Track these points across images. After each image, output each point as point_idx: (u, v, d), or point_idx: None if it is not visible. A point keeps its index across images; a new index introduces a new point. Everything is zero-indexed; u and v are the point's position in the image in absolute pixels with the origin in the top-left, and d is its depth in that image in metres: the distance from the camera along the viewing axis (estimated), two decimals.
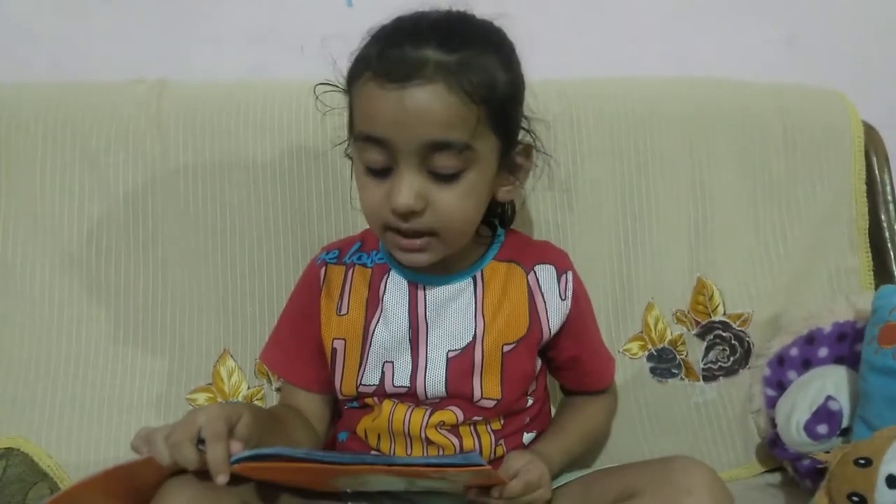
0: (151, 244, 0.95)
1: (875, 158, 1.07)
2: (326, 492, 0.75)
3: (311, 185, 0.96)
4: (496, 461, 0.78)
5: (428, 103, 0.66)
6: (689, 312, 1.02)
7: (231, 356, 0.95)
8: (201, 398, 0.94)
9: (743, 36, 1.17)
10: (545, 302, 0.79)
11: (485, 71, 0.68)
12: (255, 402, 0.94)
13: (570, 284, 0.80)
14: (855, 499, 0.73)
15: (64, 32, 1.06)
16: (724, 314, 1.02)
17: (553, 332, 0.79)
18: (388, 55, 0.67)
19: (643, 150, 1.02)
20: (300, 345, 0.82)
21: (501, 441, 0.79)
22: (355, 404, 0.81)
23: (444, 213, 0.70)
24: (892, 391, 0.81)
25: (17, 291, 0.93)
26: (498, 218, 0.84)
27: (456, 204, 0.70)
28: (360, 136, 0.70)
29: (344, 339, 0.79)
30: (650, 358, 1.01)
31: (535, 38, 1.11)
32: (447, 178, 0.69)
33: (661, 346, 1.01)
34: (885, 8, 1.20)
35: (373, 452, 0.80)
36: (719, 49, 1.17)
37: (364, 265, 0.81)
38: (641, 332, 1.01)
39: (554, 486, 0.76)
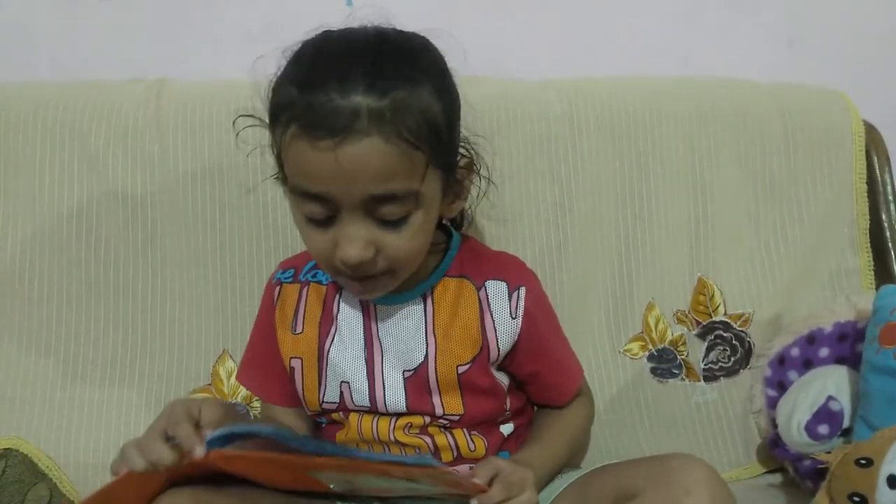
0: (150, 244, 0.95)
1: (876, 158, 1.07)
2: (318, 493, 0.74)
3: None
4: (477, 459, 0.77)
5: (366, 159, 0.62)
6: (689, 312, 1.02)
7: (230, 356, 0.95)
8: (200, 398, 0.94)
9: (743, 36, 1.17)
10: (494, 321, 0.75)
11: (420, 110, 0.64)
12: (254, 403, 0.94)
13: (523, 302, 0.76)
14: (856, 499, 0.73)
15: (63, 32, 1.06)
16: (725, 314, 1.02)
17: (503, 351, 0.76)
18: (315, 106, 0.62)
19: (643, 150, 1.02)
20: (269, 363, 0.80)
21: (476, 433, 0.78)
22: (324, 420, 0.81)
23: (396, 257, 0.68)
24: (893, 391, 0.81)
25: (16, 291, 0.93)
26: (451, 222, 0.82)
27: (406, 246, 0.67)
28: (296, 191, 0.66)
29: (301, 357, 0.78)
30: (651, 358, 1.01)
31: (535, 37, 1.13)
32: (394, 223, 0.66)
33: (662, 346, 1.01)
34: (885, 8, 1.20)
35: None
36: (719, 49, 1.16)
37: (319, 282, 0.79)
38: (642, 332, 1.01)
39: (552, 492, 0.75)
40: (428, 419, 0.76)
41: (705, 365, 1.01)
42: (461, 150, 0.74)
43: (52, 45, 1.06)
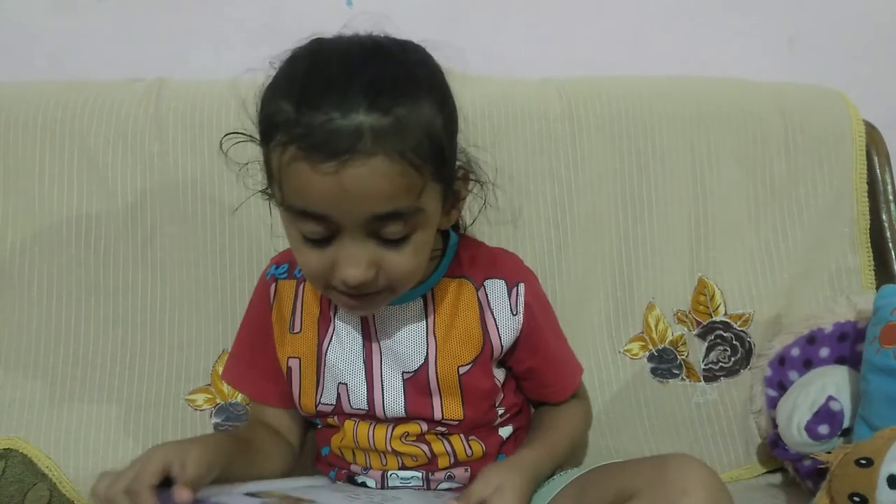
0: (150, 244, 0.95)
1: (876, 158, 1.07)
2: None
3: None
4: (473, 461, 0.77)
5: (371, 179, 0.60)
6: (689, 312, 1.02)
7: None
8: (200, 399, 0.94)
9: (743, 36, 1.17)
10: (495, 318, 0.75)
11: (422, 126, 0.62)
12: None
13: (522, 298, 0.76)
14: (856, 499, 0.73)
15: (63, 31, 1.06)
16: (725, 314, 1.02)
17: (506, 347, 0.76)
18: (314, 126, 0.59)
19: (643, 150, 1.02)
20: (259, 361, 0.79)
21: (473, 437, 0.78)
22: (318, 422, 0.80)
23: (397, 275, 0.66)
24: (894, 391, 0.81)
25: (16, 291, 0.93)
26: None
27: (408, 263, 0.66)
28: (294, 210, 0.63)
29: (298, 357, 0.76)
30: (651, 358, 1.01)
31: (535, 37, 1.13)
32: (396, 242, 0.64)
33: (662, 346, 1.01)
34: (885, 8, 1.20)
35: (352, 467, 0.79)
36: (719, 49, 1.16)
37: None
38: (642, 332, 1.01)
39: (551, 490, 0.75)
40: (425, 426, 0.76)
41: (705, 365, 1.01)
42: (458, 161, 0.73)
43: (52, 45, 1.06)
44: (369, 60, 0.63)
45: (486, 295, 0.76)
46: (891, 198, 1.07)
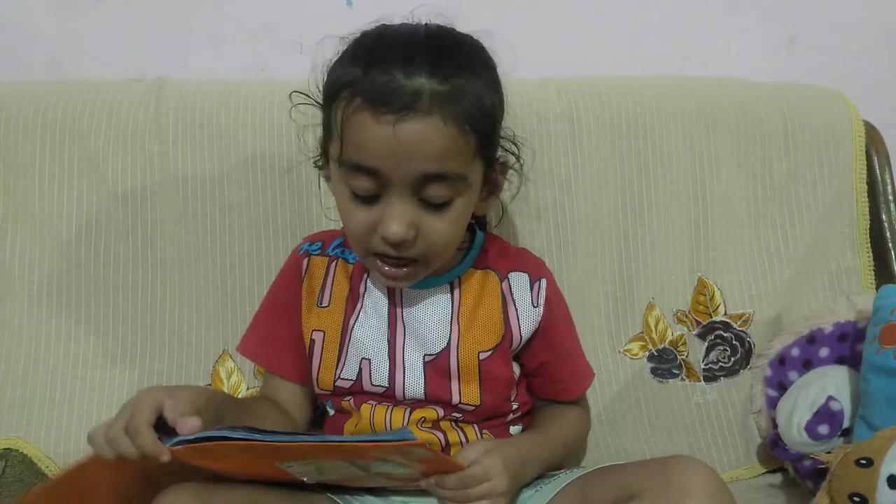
0: (150, 244, 0.95)
1: (876, 158, 1.07)
2: (328, 485, 0.74)
3: (311, 184, 0.95)
4: None
5: (425, 136, 0.65)
6: (689, 312, 1.02)
7: (230, 357, 0.95)
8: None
9: (743, 36, 1.17)
10: (517, 309, 0.78)
11: (476, 98, 0.68)
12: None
13: (544, 292, 0.79)
14: (856, 499, 0.73)
15: (62, 31, 1.06)
16: (725, 314, 1.02)
17: (524, 338, 0.79)
18: (379, 82, 0.65)
19: (643, 150, 1.02)
20: (280, 333, 0.81)
21: (486, 430, 0.79)
22: (331, 408, 0.81)
23: (434, 241, 0.70)
24: (894, 391, 0.81)
25: (16, 291, 0.93)
26: (477, 221, 0.84)
27: (446, 231, 0.70)
28: (349, 164, 0.68)
29: (323, 331, 0.79)
30: (651, 358, 1.01)
31: (535, 37, 1.12)
32: (438, 207, 0.69)
33: (662, 346, 1.01)
34: (885, 8, 1.20)
35: None
36: (719, 49, 1.16)
37: (346, 260, 0.81)
38: (642, 332, 1.01)
39: (551, 489, 0.75)
40: (442, 411, 0.77)
41: (705, 365, 1.01)
42: (502, 148, 0.77)
43: (51, 45, 1.06)
44: (432, 38, 0.70)
45: (510, 286, 0.79)
46: (890, 198, 1.07)
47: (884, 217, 1.06)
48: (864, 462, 0.73)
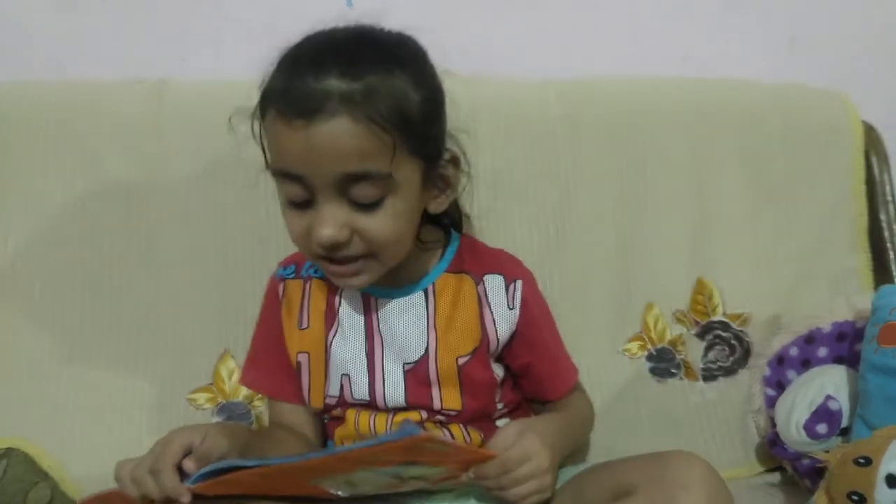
0: (151, 244, 0.95)
1: (875, 158, 1.07)
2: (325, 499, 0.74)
3: None
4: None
5: (335, 138, 0.64)
6: (688, 312, 1.02)
7: (231, 356, 0.95)
8: (202, 398, 0.94)
9: (743, 36, 1.17)
10: (492, 312, 0.78)
11: (392, 96, 0.66)
12: (256, 402, 0.95)
13: (519, 293, 0.79)
14: (854, 498, 0.73)
15: (63, 32, 1.06)
16: (724, 314, 1.02)
17: (502, 341, 0.78)
18: (292, 90, 0.65)
19: (643, 150, 1.02)
20: (276, 360, 0.81)
21: (473, 427, 0.79)
22: (325, 416, 0.81)
23: (373, 238, 0.69)
24: (892, 391, 0.81)
25: (16, 291, 0.93)
26: (450, 222, 0.83)
27: (383, 229, 0.69)
28: (276, 172, 0.69)
29: (307, 352, 0.79)
30: (650, 358, 1.01)
31: (535, 37, 1.13)
32: (369, 206, 0.68)
33: (661, 345, 1.01)
34: (885, 8, 1.20)
35: None
36: (719, 49, 1.16)
37: (321, 278, 0.81)
38: (641, 331, 1.01)
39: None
40: (425, 414, 0.77)
41: (704, 364, 1.01)
42: (448, 146, 0.75)
43: (52, 45, 1.06)
44: (351, 39, 0.69)
45: (485, 289, 0.79)
46: (889, 198, 1.07)
47: (882, 217, 1.06)
48: (862, 461, 0.74)
